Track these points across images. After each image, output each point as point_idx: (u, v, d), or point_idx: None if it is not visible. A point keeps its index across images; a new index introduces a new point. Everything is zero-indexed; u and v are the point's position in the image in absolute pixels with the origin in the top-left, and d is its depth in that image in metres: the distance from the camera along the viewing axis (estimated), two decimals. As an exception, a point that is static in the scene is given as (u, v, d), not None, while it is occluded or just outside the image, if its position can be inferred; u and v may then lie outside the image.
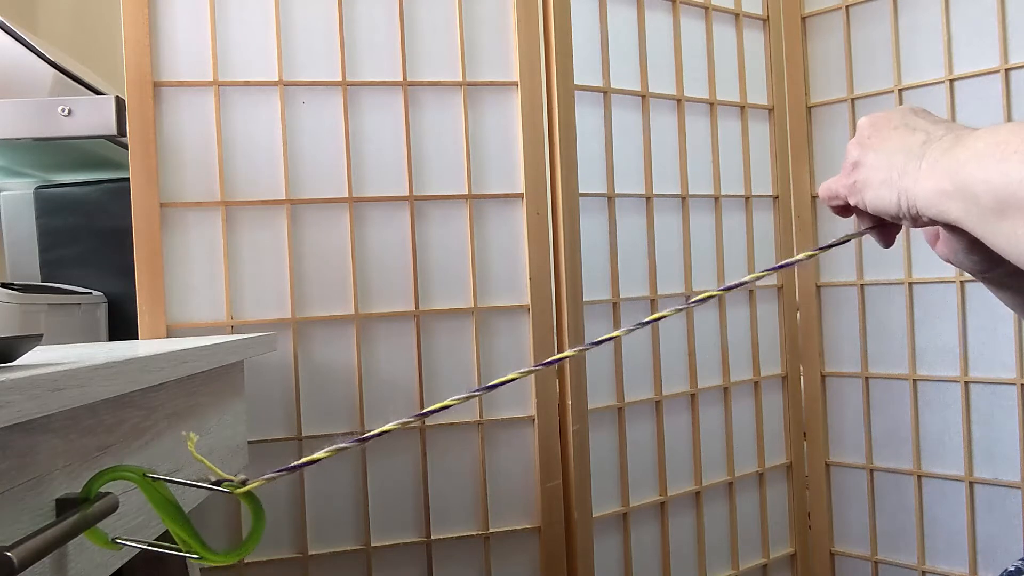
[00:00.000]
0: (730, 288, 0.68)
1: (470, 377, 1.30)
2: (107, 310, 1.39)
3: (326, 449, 0.57)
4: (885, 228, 0.69)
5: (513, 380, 0.61)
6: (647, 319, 0.66)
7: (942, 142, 0.58)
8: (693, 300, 0.67)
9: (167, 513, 0.56)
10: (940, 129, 0.60)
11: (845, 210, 0.69)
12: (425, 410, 0.59)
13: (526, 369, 0.62)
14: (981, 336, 1.48)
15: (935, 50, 1.51)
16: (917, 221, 0.61)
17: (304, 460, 0.57)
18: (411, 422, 0.58)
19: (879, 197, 0.62)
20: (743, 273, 1.62)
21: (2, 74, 1.19)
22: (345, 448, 0.57)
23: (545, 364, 0.63)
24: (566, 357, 0.64)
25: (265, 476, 0.56)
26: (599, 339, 0.66)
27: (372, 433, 0.58)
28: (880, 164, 0.62)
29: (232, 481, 0.55)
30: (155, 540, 0.65)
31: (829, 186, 0.69)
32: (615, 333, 0.66)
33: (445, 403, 0.59)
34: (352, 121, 1.27)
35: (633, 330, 0.66)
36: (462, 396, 0.60)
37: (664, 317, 0.67)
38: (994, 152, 0.52)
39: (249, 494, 0.55)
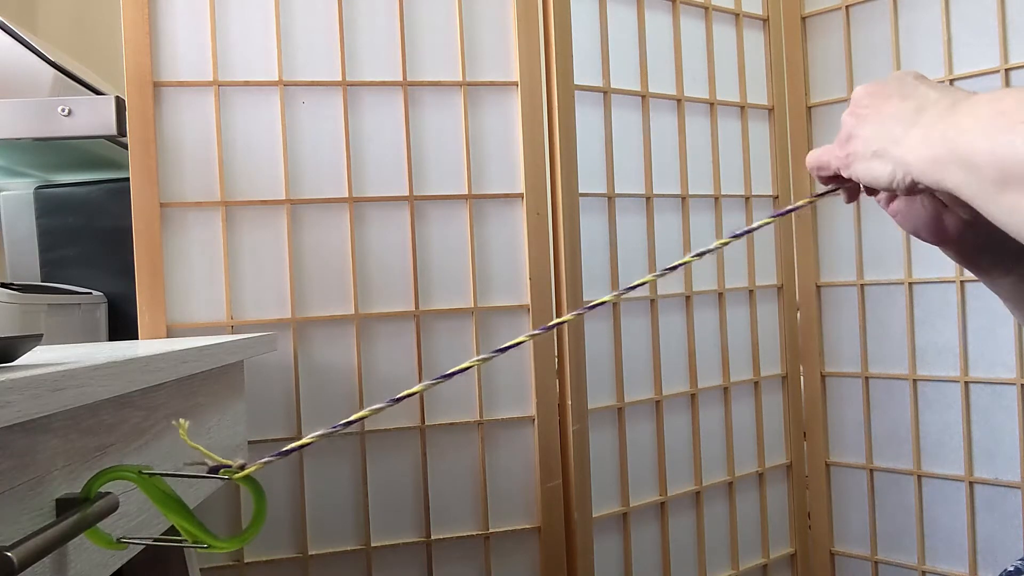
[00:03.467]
0: (700, 254, 0.68)
1: (470, 377, 1.30)
2: (107, 310, 1.39)
3: (312, 434, 0.57)
4: (851, 186, 0.68)
5: (464, 370, 0.61)
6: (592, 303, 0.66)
7: (936, 107, 0.56)
8: (684, 259, 0.67)
9: (168, 507, 0.55)
10: (934, 93, 0.58)
11: (833, 179, 0.68)
12: (393, 398, 0.59)
13: (480, 357, 0.62)
14: (981, 336, 1.48)
15: (935, 50, 1.51)
16: (912, 190, 0.60)
17: (297, 444, 0.57)
18: (383, 407, 0.58)
19: (871, 169, 0.61)
20: (743, 272, 1.62)
21: (2, 74, 1.19)
22: (332, 433, 0.57)
23: (498, 352, 0.63)
24: (517, 344, 0.64)
25: (263, 460, 0.56)
26: (550, 324, 0.66)
27: (344, 421, 0.57)
28: (873, 135, 0.61)
29: (230, 467, 0.55)
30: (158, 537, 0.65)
31: (819, 156, 0.67)
32: (556, 322, 0.66)
33: (404, 394, 0.59)
34: (352, 121, 1.27)
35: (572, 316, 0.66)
36: (416, 389, 0.60)
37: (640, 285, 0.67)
38: (998, 122, 0.50)
39: (248, 478, 0.55)
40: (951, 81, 1.49)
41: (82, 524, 0.54)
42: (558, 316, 1.35)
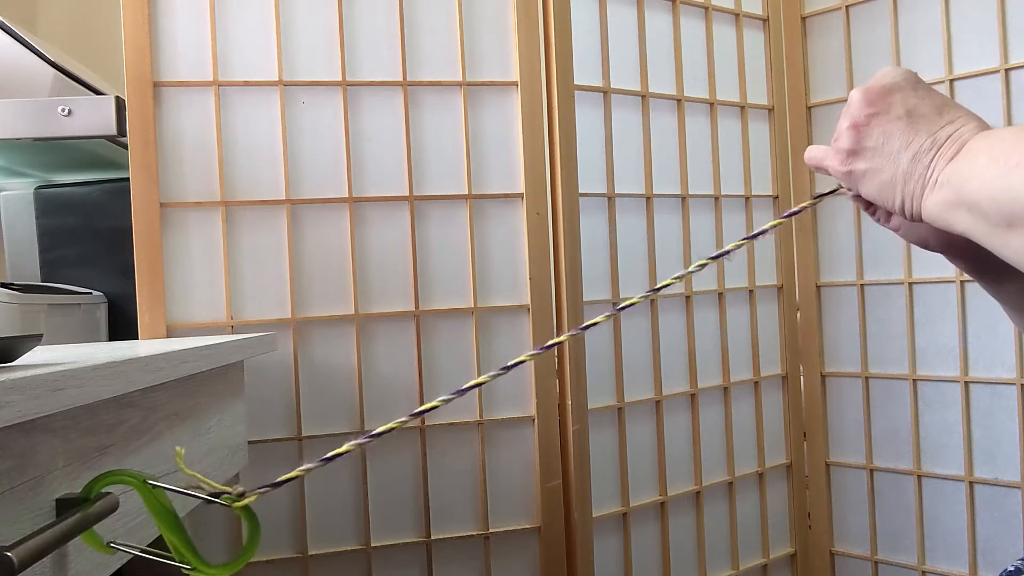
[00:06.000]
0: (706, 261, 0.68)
1: (470, 377, 1.29)
2: (107, 310, 1.39)
3: (305, 466, 0.57)
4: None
5: (444, 403, 0.61)
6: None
7: (945, 150, 0.58)
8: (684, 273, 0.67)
9: (164, 521, 0.55)
10: (943, 127, 0.59)
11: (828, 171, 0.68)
12: (375, 430, 0.59)
13: (462, 388, 0.61)
14: (981, 336, 1.48)
15: (935, 50, 1.51)
16: (916, 220, 0.61)
17: (293, 473, 0.57)
18: (367, 441, 0.58)
19: (880, 196, 0.62)
20: (743, 272, 1.62)
21: (2, 74, 1.19)
22: (312, 469, 0.57)
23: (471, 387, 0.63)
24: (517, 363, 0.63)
25: (261, 489, 0.56)
26: (548, 344, 0.66)
27: (336, 452, 0.57)
28: (883, 165, 0.61)
29: (230, 494, 0.55)
30: (150, 545, 0.65)
31: (820, 160, 0.68)
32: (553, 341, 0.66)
33: (389, 426, 0.59)
34: (352, 121, 1.27)
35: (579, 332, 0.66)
36: (410, 415, 0.60)
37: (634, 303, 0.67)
38: (995, 167, 0.52)
39: (246, 508, 0.55)
40: (951, 81, 1.49)
41: (82, 524, 0.54)
42: (558, 316, 1.35)
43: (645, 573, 1.46)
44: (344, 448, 0.58)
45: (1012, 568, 0.75)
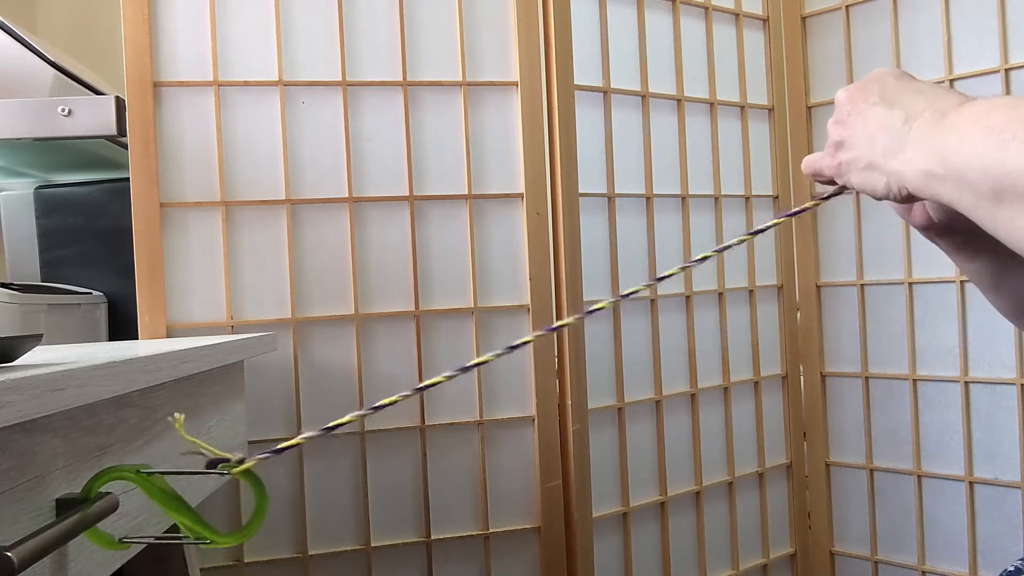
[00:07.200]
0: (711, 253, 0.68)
1: (470, 377, 1.30)
2: (107, 310, 1.39)
3: (307, 433, 0.57)
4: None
5: (438, 383, 0.61)
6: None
7: (923, 119, 0.57)
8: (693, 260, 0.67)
9: (168, 504, 0.55)
10: (919, 102, 0.59)
11: (830, 182, 0.68)
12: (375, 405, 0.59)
13: (480, 359, 0.62)
14: (981, 336, 1.48)
15: (935, 50, 1.51)
16: (908, 200, 0.60)
17: (294, 440, 0.57)
18: (368, 413, 0.58)
19: (866, 180, 0.62)
20: (743, 272, 1.62)
21: (2, 74, 1.19)
22: (314, 437, 0.57)
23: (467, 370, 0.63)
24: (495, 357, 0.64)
25: (260, 455, 0.55)
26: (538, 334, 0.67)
27: (338, 422, 0.58)
28: (863, 147, 0.61)
29: (229, 461, 0.55)
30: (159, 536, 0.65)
31: (814, 163, 0.68)
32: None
33: (391, 399, 0.59)
34: (352, 121, 1.27)
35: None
36: (405, 394, 0.60)
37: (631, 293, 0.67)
38: (989, 138, 0.51)
39: (248, 471, 0.55)
40: (951, 81, 1.49)
41: (82, 524, 0.54)
42: (558, 316, 1.35)
43: (645, 573, 1.46)
44: (347, 418, 0.58)
45: (1012, 568, 0.75)
